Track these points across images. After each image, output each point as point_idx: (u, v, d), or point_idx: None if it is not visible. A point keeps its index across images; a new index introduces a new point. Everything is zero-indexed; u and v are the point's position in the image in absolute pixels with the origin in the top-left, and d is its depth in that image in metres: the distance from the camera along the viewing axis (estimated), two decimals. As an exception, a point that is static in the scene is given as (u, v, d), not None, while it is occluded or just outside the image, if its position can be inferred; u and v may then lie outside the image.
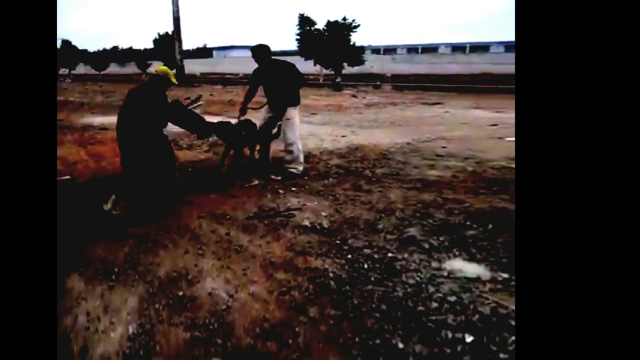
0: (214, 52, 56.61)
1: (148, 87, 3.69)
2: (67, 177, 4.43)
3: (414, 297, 2.09)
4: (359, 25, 21.57)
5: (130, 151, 3.51)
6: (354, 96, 14.56)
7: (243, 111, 4.55)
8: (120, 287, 2.29)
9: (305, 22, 22.21)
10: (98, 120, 9.25)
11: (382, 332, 1.82)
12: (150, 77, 3.74)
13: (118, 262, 2.55)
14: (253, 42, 4.75)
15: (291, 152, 4.34)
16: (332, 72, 20.88)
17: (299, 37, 22.45)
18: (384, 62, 29.39)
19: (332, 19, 22.03)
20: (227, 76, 31.58)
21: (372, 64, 25.64)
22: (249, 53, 4.64)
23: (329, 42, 20.76)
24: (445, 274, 2.30)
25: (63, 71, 38.53)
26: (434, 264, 2.40)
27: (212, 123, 4.22)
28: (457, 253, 2.52)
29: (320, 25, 22.42)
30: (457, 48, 42.36)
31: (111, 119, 8.92)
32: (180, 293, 2.22)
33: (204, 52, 57.70)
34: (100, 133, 7.31)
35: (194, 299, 2.18)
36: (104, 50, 43.19)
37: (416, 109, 10.39)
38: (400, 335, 1.80)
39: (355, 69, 21.20)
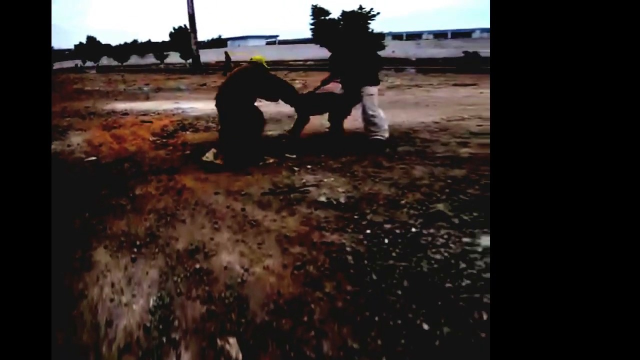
0: (229, 42, 60.44)
1: (247, 70, 4.41)
2: (94, 157, 4.80)
3: (441, 274, 1.83)
4: (378, 14, 21.74)
5: (229, 116, 4.20)
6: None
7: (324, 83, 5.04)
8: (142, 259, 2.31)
9: (319, 13, 22.93)
10: (121, 106, 9.83)
11: (404, 311, 1.58)
12: (248, 63, 4.56)
13: (140, 236, 2.61)
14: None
15: (374, 122, 4.54)
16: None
17: (312, 27, 23.43)
18: (407, 46, 28.81)
19: (347, 9, 22.10)
20: (241, 63, 32.25)
21: (394, 49, 25.13)
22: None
23: (344, 31, 21.09)
24: (480, 249, 2.02)
25: (89, 64, 45.57)
26: (466, 239, 2.13)
27: (310, 93, 4.83)
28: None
29: (335, 15, 22.78)
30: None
31: (132, 105, 10.07)
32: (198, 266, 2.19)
33: (218, 43, 61.25)
34: (123, 118, 7.88)
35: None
36: (125, 43, 47.46)
37: (446, 90, 9.93)
38: (425, 314, 1.55)
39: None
